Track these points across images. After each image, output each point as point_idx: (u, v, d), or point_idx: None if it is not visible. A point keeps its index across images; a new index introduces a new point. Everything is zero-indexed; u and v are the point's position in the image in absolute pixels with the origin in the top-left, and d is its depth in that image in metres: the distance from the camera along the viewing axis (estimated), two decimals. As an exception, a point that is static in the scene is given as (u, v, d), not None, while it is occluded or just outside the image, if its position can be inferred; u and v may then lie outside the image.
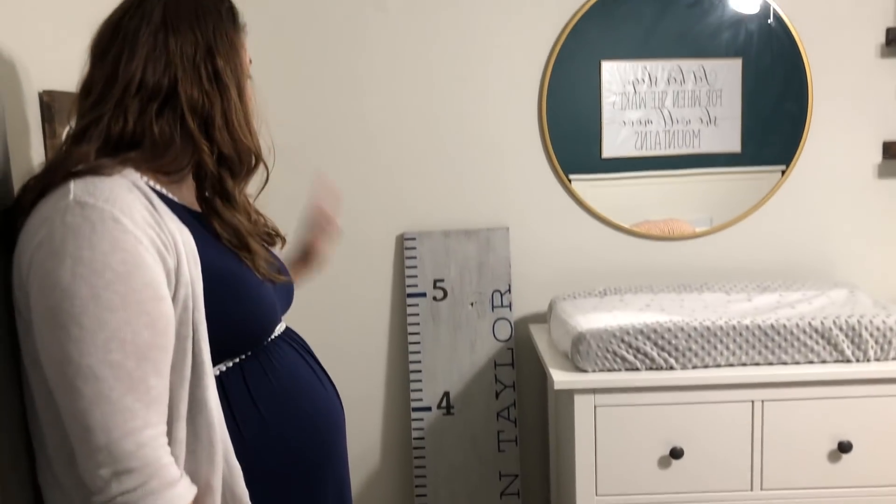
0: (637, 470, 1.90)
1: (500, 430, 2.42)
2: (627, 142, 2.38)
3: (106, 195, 0.99)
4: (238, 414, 1.13)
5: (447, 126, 2.38)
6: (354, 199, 2.40)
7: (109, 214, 0.98)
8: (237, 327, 1.14)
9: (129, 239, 0.98)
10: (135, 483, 0.96)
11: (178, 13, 1.12)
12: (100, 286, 0.95)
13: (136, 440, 0.96)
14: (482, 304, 2.40)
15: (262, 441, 1.15)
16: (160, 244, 1.02)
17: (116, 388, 0.96)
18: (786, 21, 2.32)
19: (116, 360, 0.96)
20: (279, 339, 1.26)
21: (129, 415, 0.96)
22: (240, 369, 1.16)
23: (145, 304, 0.98)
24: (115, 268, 0.96)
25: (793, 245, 2.42)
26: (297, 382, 1.23)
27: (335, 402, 1.31)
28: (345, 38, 2.34)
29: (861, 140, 2.37)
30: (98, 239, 0.96)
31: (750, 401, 1.88)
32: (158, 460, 0.98)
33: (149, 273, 0.99)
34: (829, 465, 1.90)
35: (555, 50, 2.33)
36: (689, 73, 2.36)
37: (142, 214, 1.01)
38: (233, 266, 1.15)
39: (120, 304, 0.96)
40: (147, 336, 0.98)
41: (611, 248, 2.43)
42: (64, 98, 1.44)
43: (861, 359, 1.88)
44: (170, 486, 0.99)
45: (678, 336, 1.88)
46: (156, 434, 0.99)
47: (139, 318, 0.97)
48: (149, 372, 0.98)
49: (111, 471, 0.96)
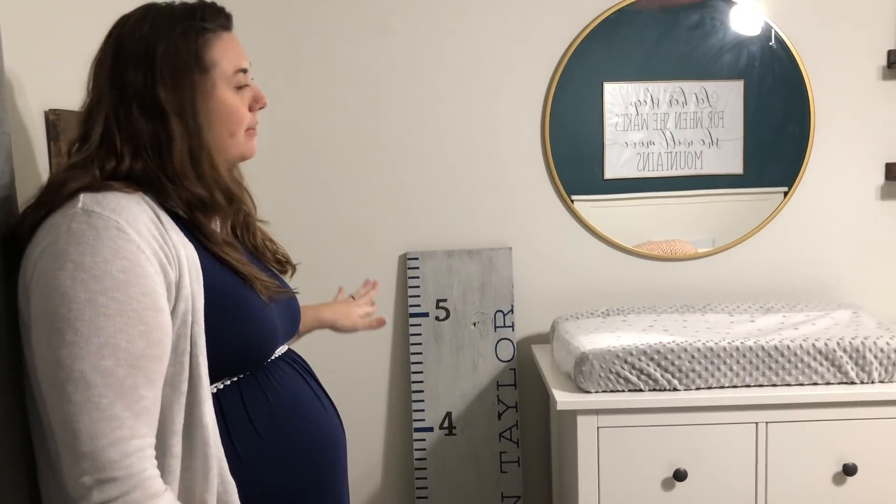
0: (640, 492, 1.89)
1: (502, 451, 2.41)
2: (630, 163, 2.39)
3: (112, 206, 1.01)
4: (235, 433, 1.13)
5: (451, 146, 2.39)
6: (358, 219, 2.40)
7: (114, 223, 0.99)
8: (236, 348, 1.14)
9: (131, 248, 0.99)
10: (117, 493, 0.95)
11: (131, 46, 1.11)
12: (98, 292, 0.96)
13: (121, 449, 0.96)
14: (485, 324, 2.39)
15: (259, 460, 1.14)
16: (163, 256, 1.03)
17: (106, 396, 0.96)
18: (787, 43, 2.33)
19: (108, 367, 0.96)
20: (280, 360, 1.26)
21: (116, 423, 0.96)
22: (238, 388, 1.16)
23: (142, 313, 0.99)
24: (114, 275, 0.97)
25: (796, 266, 2.42)
26: (296, 403, 1.22)
27: (336, 423, 1.31)
28: (350, 60, 2.36)
29: (863, 161, 2.38)
30: (101, 246, 0.98)
31: (754, 422, 1.87)
32: (143, 472, 0.97)
33: (148, 283, 1.00)
34: (834, 487, 1.88)
35: (557, 71, 2.34)
36: (690, 95, 2.37)
37: (146, 226, 1.02)
38: (236, 288, 1.15)
39: (116, 311, 0.97)
40: (141, 345, 0.98)
41: (613, 269, 2.43)
42: (69, 116, 1.45)
43: (865, 380, 1.87)
44: (152, 498, 0.98)
45: (681, 357, 1.87)
46: (143, 445, 0.99)
47: (135, 327, 0.98)
48: (140, 382, 0.98)
49: (94, 479, 0.95)
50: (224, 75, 1.15)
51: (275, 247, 1.35)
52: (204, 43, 1.13)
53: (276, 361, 1.24)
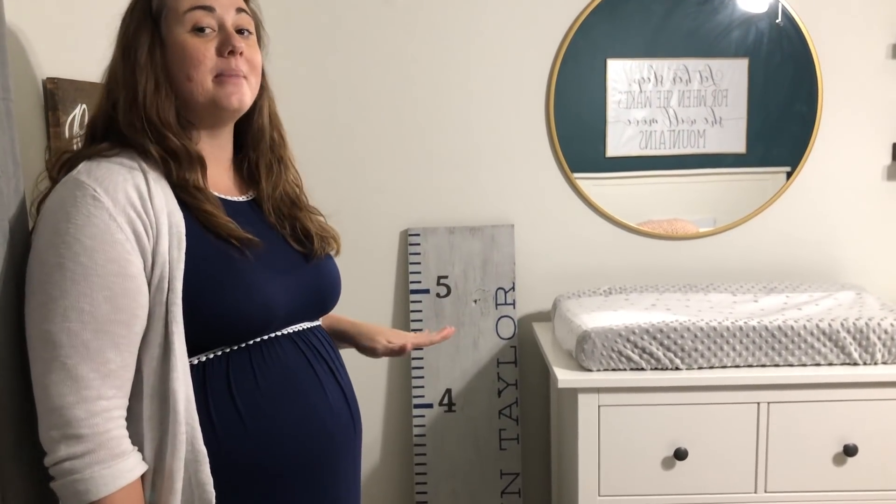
0: (640, 471, 1.89)
1: (501, 428, 2.41)
2: (632, 141, 2.37)
3: (97, 174, 1.06)
4: (214, 405, 1.11)
5: (454, 122, 2.37)
6: (360, 195, 2.39)
7: (91, 191, 1.03)
8: (223, 319, 1.11)
9: (102, 216, 1.02)
10: (82, 450, 1.00)
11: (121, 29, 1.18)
12: (67, 256, 1.01)
13: (87, 408, 1.00)
14: (486, 301, 2.38)
15: (234, 437, 1.11)
16: (139, 224, 1.05)
17: (72, 357, 1.00)
18: (797, 21, 2.30)
19: (74, 329, 1.00)
20: (283, 338, 1.20)
21: (83, 383, 1.00)
22: (226, 361, 1.13)
23: (107, 278, 1.02)
24: (83, 241, 1.01)
25: (800, 246, 2.41)
26: (288, 384, 1.17)
27: (338, 410, 1.25)
28: (351, 34, 2.33)
29: (870, 141, 2.36)
30: (75, 213, 1.02)
31: (756, 402, 1.86)
32: (108, 432, 1.01)
33: (117, 250, 1.03)
34: (834, 468, 1.88)
35: (562, 47, 2.31)
36: (694, 73, 2.34)
37: (126, 195, 1.05)
38: (229, 256, 1.13)
39: (82, 276, 1.01)
40: (106, 309, 1.02)
41: (616, 247, 2.41)
42: (68, 86, 1.43)
43: (868, 361, 1.87)
44: (117, 458, 1.02)
45: (684, 336, 1.86)
46: (109, 406, 1.02)
47: (99, 292, 1.01)
48: (106, 345, 1.02)
49: (61, 434, 1.00)
50: (175, 15, 1.14)
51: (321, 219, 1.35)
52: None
53: (278, 338, 1.19)
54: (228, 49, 1.15)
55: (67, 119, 1.42)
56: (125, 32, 1.16)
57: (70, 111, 1.43)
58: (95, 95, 1.24)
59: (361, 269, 2.40)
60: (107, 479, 1.00)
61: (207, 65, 1.14)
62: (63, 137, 1.41)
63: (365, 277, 2.41)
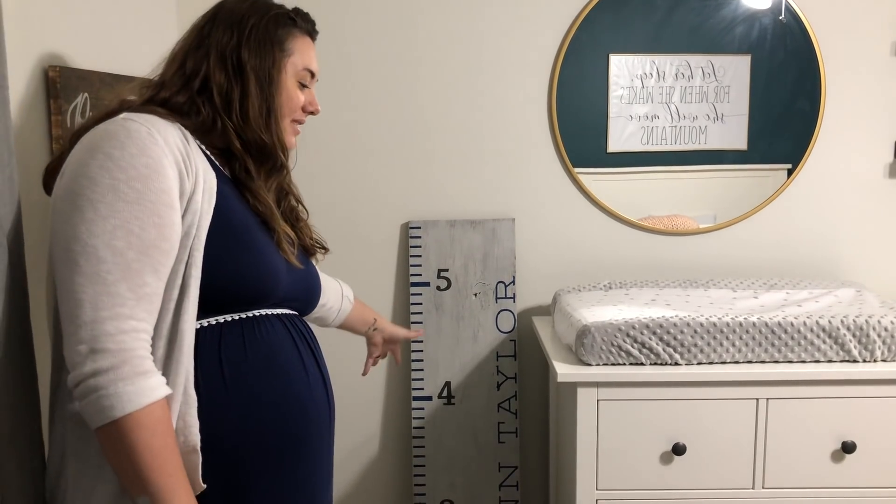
0: (639, 465, 1.89)
1: (500, 422, 2.41)
2: (633, 136, 2.37)
3: (147, 118, 1.12)
4: (202, 372, 1.15)
5: (456, 115, 2.36)
6: (362, 187, 2.38)
7: (145, 129, 1.09)
8: (232, 281, 1.18)
9: (156, 150, 1.08)
10: (108, 364, 1.02)
11: (227, 12, 1.26)
12: (121, 180, 1.05)
13: (118, 325, 1.03)
14: (486, 294, 2.38)
15: (216, 406, 1.16)
16: (182, 167, 1.12)
17: (113, 272, 1.04)
18: (801, 17, 2.29)
19: (119, 248, 1.04)
20: (274, 317, 1.26)
21: (118, 300, 1.03)
22: (219, 330, 1.18)
23: (158, 206, 1.07)
24: (138, 168, 1.06)
25: (800, 243, 2.41)
26: (272, 362, 1.23)
27: (316, 394, 1.30)
28: (353, 27, 2.32)
29: (873, 139, 2.35)
30: (130, 143, 1.07)
31: (755, 398, 1.86)
32: (135, 350, 1.04)
33: (167, 182, 1.09)
34: (832, 464, 1.89)
35: (565, 41, 2.31)
36: (697, 69, 2.34)
37: (174, 139, 1.13)
38: (248, 226, 1.22)
39: (135, 199, 1.05)
40: (153, 235, 1.06)
41: (616, 242, 2.41)
42: (71, 74, 1.42)
43: (868, 359, 1.87)
44: (142, 375, 1.04)
45: (684, 331, 1.86)
46: (139, 327, 1.05)
47: (150, 217, 1.06)
48: (146, 268, 1.06)
49: (89, 347, 1.02)
50: (295, 66, 1.30)
51: (309, 230, 1.44)
52: (288, 32, 1.29)
53: (269, 317, 1.25)
54: (311, 109, 1.36)
55: (69, 107, 1.42)
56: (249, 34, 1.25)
57: (72, 99, 1.43)
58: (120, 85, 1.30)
59: (362, 261, 2.41)
60: (131, 395, 1.02)
61: (296, 113, 1.33)
62: (65, 126, 1.40)
63: (365, 270, 2.41)
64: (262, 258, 1.21)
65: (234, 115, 1.23)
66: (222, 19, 1.26)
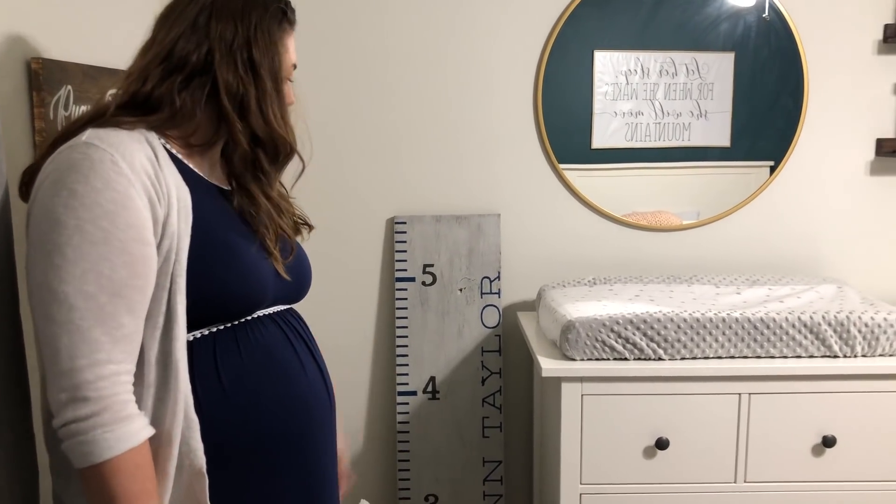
0: (622, 460, 1.90)
1: (484, 417, 2.42)
2: (618, 133, 2.38)
3: (111, 140, 1.06)
4: (200, 384, 1.14)
5: (441, 110, 2.36)
6: (346, 182, 2.38)
7: (109, 156, 1.04)
8: (218, 296, 1.15)
9: (121, 181, 1.04)
10: (88, 412, 1.00)
11: (224, 2, 1.21)
12: (87, 219, 1.01)
13: (97, 372, 1.01)
14: (471, 290, 2.39)
15: (219, 416, 1.15)
16: (153, 193, 1.07)
17: (87, 319, 1.00)
18: (785, 15, 2.31)
19: (91, 292, 1.01)
20: (266, 318, 1.25)
21: (94, 346, 1.01)
22: (212, 340, 1.17)
23: (127, 243, 1.03)
24: (103, 205, 1.02)
25: (783, 240, 2.43)
26: (270, 363, 1.22)
27: (316, 390, 1.29)
28: (336, 21, 2.31)
29: (855, 136, 2.38)
30: (94, 176, 1.02)
31: (737, 393, 1.88)
32: (115, 395, 1.02)
33: (135, 216, 1.04)
34: (812, 459, 1.91)
35: (551, 37, 2.31)
36: (681, 66, 2.35)
37: (141, 163, 1.07)
38: (230, 237, 1.18)
39: (102, 239, 1.02)
40: (124, 274, 1.03)
41: (601, 238, 2.42)
42: (54, 66, 1.41)
43: (849, 354, 1.89)
44: (121, 421, 1.02)
45: (667, 327, 1.87)
46: (118, 371, 1.03)
47: (119, 257, 1.02)
48: (120, 309, 1.03)
49: (69, 396, 1.00)
50: (287, 65, 1.29)
51: (292, 208, 1.42)
52: (283, 30, 1.27)
53: (261, 318, 1.24)
54: (290, 101, 1.34)
55: (52, 100, 1.41)
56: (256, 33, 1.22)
57: (55, 92, 1.42)
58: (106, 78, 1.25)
59: (347, 256, 2.40)
60: (110, 441, 1.01)
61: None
62: (48, 118, 1.39)
63: (351, 265, 2.41)
64: (247, 270, 1.19)
65: (252, 116, 1.21)
66: (221, 12, 1.20)
